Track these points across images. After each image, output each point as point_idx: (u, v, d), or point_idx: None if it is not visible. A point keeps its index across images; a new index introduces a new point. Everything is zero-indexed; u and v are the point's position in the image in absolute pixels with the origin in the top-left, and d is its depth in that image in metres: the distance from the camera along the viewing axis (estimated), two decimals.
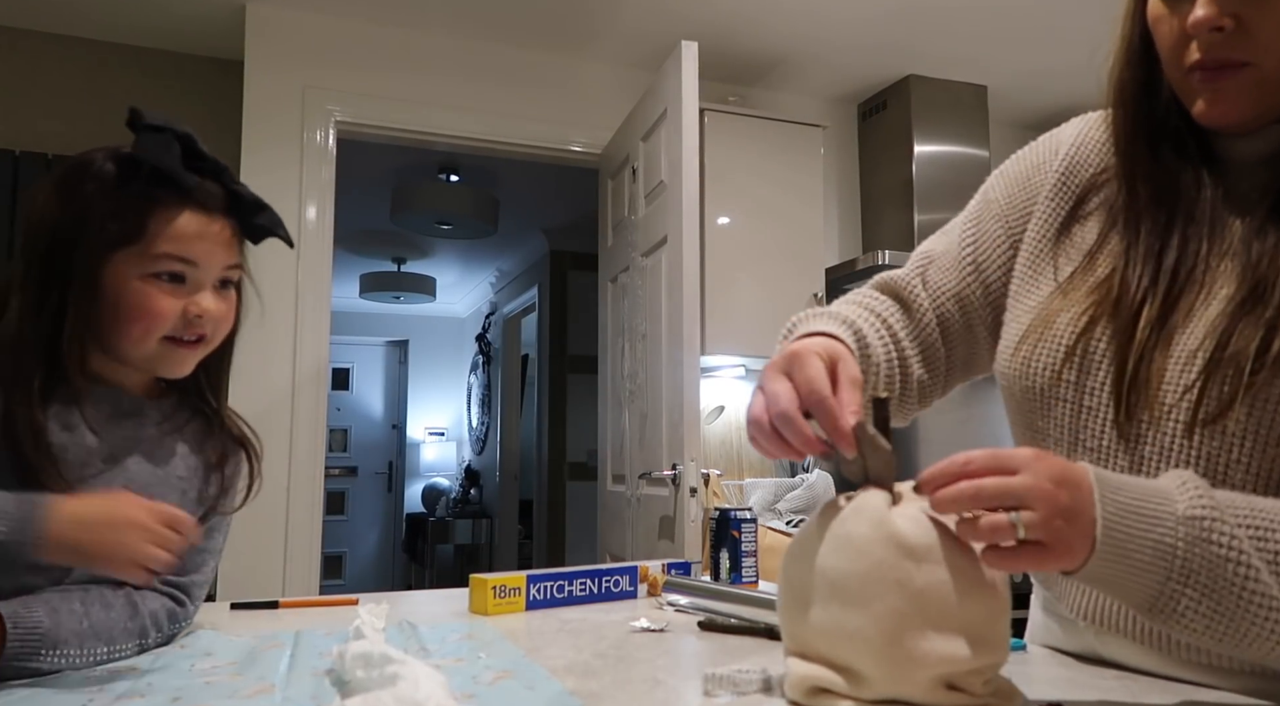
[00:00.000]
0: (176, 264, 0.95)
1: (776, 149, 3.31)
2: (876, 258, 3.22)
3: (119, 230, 0.93)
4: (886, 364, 0.90)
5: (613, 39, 3.28)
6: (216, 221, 0.98)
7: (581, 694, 0.75)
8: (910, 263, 1.00)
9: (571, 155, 3.45)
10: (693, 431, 2.55)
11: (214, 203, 0.98)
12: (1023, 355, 0.84)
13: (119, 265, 0.93)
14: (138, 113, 0.94)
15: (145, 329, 0.95)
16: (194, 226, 0.96)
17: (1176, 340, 0.75)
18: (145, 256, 0.94)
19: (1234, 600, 0.64)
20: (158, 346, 0.97)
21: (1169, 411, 0.74)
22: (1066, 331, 0.81)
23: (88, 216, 0.92)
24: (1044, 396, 0.83)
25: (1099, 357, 0.79)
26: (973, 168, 3.53)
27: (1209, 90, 0.75)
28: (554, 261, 5.89)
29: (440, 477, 7.78)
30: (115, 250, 0.93)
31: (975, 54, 3.38)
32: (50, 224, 0.94)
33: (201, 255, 0.97)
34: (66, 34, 3.14)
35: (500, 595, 1.17)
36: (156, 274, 0.94)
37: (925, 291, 0.97)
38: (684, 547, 2.50)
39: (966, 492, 0.63)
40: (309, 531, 2.93)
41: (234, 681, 0.79)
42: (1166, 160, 0.81)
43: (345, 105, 3.11)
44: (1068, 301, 0.83)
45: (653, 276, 2.85)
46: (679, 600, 1.19)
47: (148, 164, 0.93)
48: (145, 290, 0.94)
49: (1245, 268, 0.74)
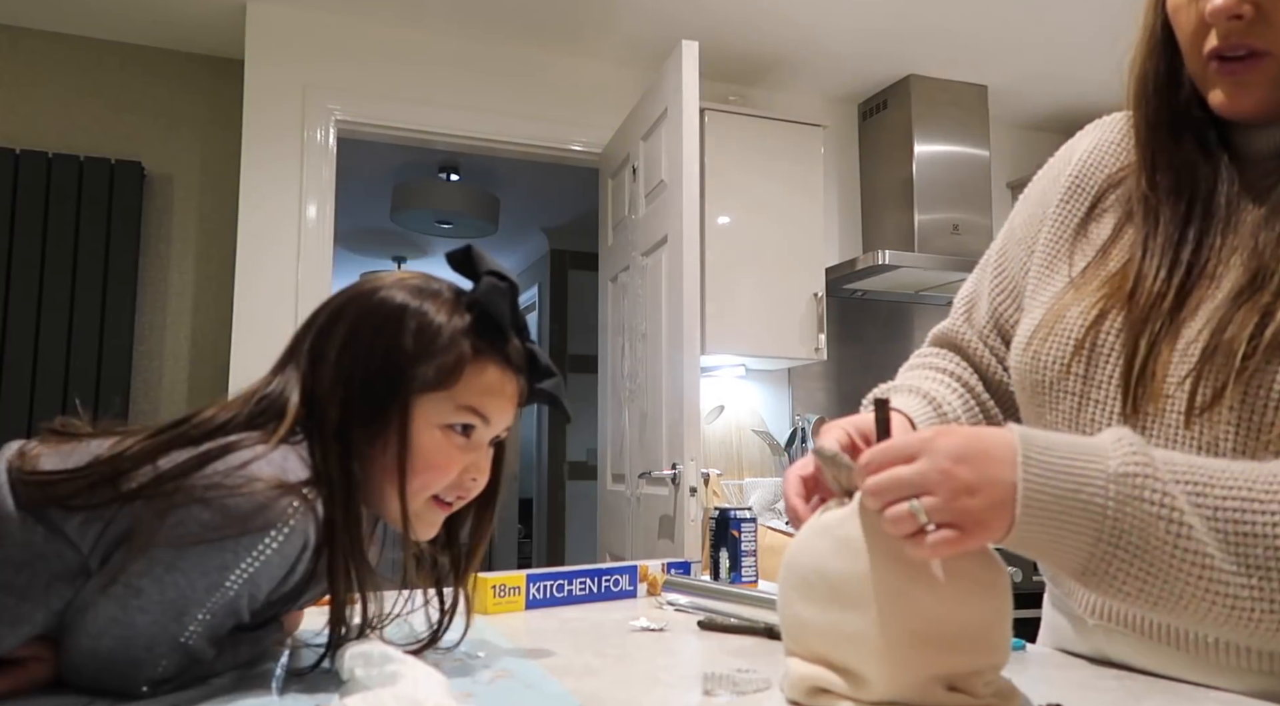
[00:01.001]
0: (474, 418, 0.87)
1: (777, 148, 3.31)
2: (876, 257, 3.22)
3: (433, 374, 0.85)
4: (968, 415, 0.95)
5: (613, 38, 3.27)
6: (514, 380, 0.91)
7: (581, 693, 0.75)
8: (954, 310, 1.04)
9: (572, 154, 3.45)
10: (693, 431, 2.55)
11: (517, 360, 0.91)
12: (1033, 350, 0.84)
13: (420, 409, 0.85)
14: (476, 255, 0.88)
15: (426, 483, 0.87)
16: (498, 382, 0.89)
17: (1184, 333, 0.74)
18: (450, 405, 0.86)
19: (1166, 560, 0.62)
20: (423, 504, 0.88)
21: (1168, 401, 0.74)
22: (1076, 324, 0.80)
23: (406, 354, 0.84)
24: (1051, 390, 0.82)
25: (1108, 350, 0.78)
26: (973, 167, 3.53)
27: (1228, 80, 0.74)
28: (554, 260, 5.89)
29: None
30: (421, 394, 0.85)
31: (975, 54, 3.38)
32: (365, 364, 0.85)
33: (495, 413, 0.89)
34: (67, 32, 3.14)
35: (500, 594, 1.17)
36: (453, 426, 0.87)
37: (974, 333, 1.00)
38: (684, 547, 2.50)
39: (869, 490, 0.65)
40: None
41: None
42: (1187, 151, 0.80)
43: (346, 104, 3.11)
44: (1079, 295, 0.82)
45: (653, 276, 2.85)
46: (679, 599, 1.19)
47: (481, 311, 0.87)
48: (442, 441, 0.86)
49: (1250, 256, 0.73)
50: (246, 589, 0.75)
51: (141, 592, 0.73)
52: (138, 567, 0.72)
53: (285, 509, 0.74)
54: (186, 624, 0.74)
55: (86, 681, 0.75)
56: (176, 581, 0.73)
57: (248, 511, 0.73)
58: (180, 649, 0.75)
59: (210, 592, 0.74)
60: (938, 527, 0.62)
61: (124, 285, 3.02)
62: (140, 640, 0.73)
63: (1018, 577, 2.79)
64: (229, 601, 0.75)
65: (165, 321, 3.15)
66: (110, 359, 2.94)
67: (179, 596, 0.73)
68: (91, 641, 0.74)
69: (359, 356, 0.85)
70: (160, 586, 0.73)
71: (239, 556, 0.73)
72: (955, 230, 3.46)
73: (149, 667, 0.74)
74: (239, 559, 0.73)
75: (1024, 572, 2.83)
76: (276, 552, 0.74)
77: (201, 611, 0.74)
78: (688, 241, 2.59)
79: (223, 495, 0.73)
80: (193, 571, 0.73)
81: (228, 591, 0.74)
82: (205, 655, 0.77)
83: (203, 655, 0.77)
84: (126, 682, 0.74)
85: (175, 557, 0.72)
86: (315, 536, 0.78)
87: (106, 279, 2.99)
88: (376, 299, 0.87)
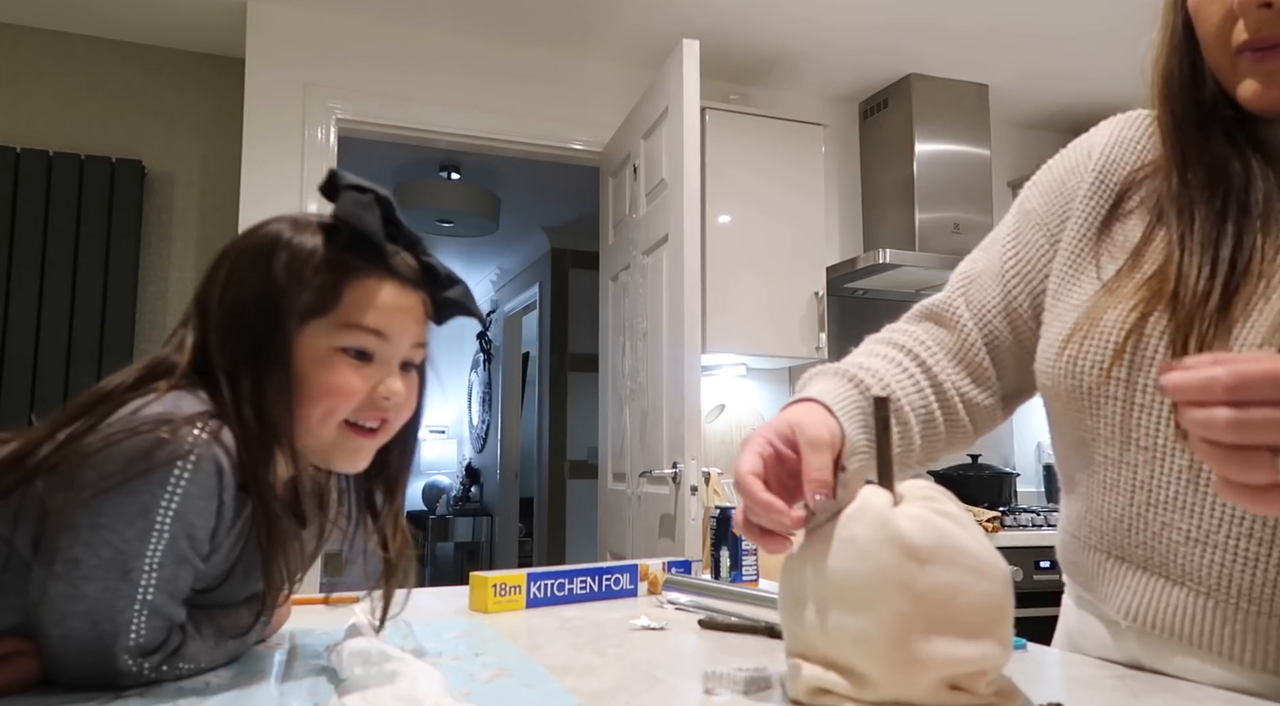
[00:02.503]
0: (369, 338, 0.85)
1: (778, 147, 3.31)
2: (877, 256, 3.22)
3: (311, 299, 0.83)
4: (918, 401, 0.91)
5: (614, 37, 3.27)
6: (410, 294, 0.89)
7: (581, 692, 0.75)
8: (950, 285, 0.98)
9: (573, 153, 3.45)
10: (693, 429, 2.55)
11: (409, 274, 0.89)
12: (1069, 354, 0.82)
13: (305, 338, 0.84)
14: (337, 174, 0.86)
15: (329, 409, 0.85)
16: (388, 297, 0.86)
17: (1236, 333, 0.71)
18: (336, 328, 0.84)
19: None
20: (336, 432, 0.87)
21: None
22: (1115, 328, 0.78)
23: (280, 286, 0.83)
24: (1092, 395, 0.80)
25: (1151, 353, 0.76)
26: (974, 166, 3.53)
27: (1260, 72, 0.72)
28: (555, 259, 5.89)
29: (441, 475, 7.78)
30: (304, 322, 0.83)
31: (976, 53, 3.38)
32: (242, 301, 0.84)
33: (395, 330, 0.87)
34: (67, 31, 3.14)
35: (501, 593, 1.17)
36: (345, 348, 0.85)
37: (968, 311, 0.95)
38: (684, 546, 2.50)
39: (1219, 422, 0.53)
40: None
41: (232, 679, 0.79)
42: (1217, 147, 0.78)
43: (346, 102, 3.11)
44: (1115, 298, 0.80)
45: (654, 274, 2.85)
46: (679, 598, 1.19)
47: (349, 227, 0.85)
48: (332, 365, 0.84)
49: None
50: (181, 529, 0.75)
51: (79, 562, 0.73)
52: (65, 540, 0.73)
53: (185, 438, 0.75)
54: (137, 579, 0.74)
55: (74, 673, 0.75)
56: (106, 539, 0.73)
57: (146, 449, 0.74)
58: (147, 609, 0.75)
59: (143, 540, 0.74)
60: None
61: (125, 284, 3.02)
62: (101, 610, 0.73)
63: (1019, 576, 2.79)
64: (171, 546, 0.75)
65: (166, 320, 3.15)
66: (111, 357, 2.94)
67: (115, 554, 0.73)
68: (58, 628, 0.74)
69: (238, 296, 0.85)
70: (93, 549, 0.73)
71: (155, 496, 0.74)
72: (956, 229, 3.46)
73: (123, 636, 0.74)
74: (156, 499, 0.74)
75: (1024, 572, 2.83)
76: (192, 482, 0.75)
77: (145, 562, 0.74)
78: (689, 240, 2.59)
79: (119, 441, 0.74)
80: (117, 524, 0.73)
81: (161, 534, 0.74)
82: (176, 615, 0.78)
83: (174, 614, 0.77)
84: (109, 660, 0.74)
85: (95, 516, 0.73)
86: (230, 466, 0.78)
87: (107, 278, 2.99)
88: (253, 238, 0.87)
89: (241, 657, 0.87)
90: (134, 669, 0.75)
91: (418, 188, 4.63)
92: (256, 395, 0.82)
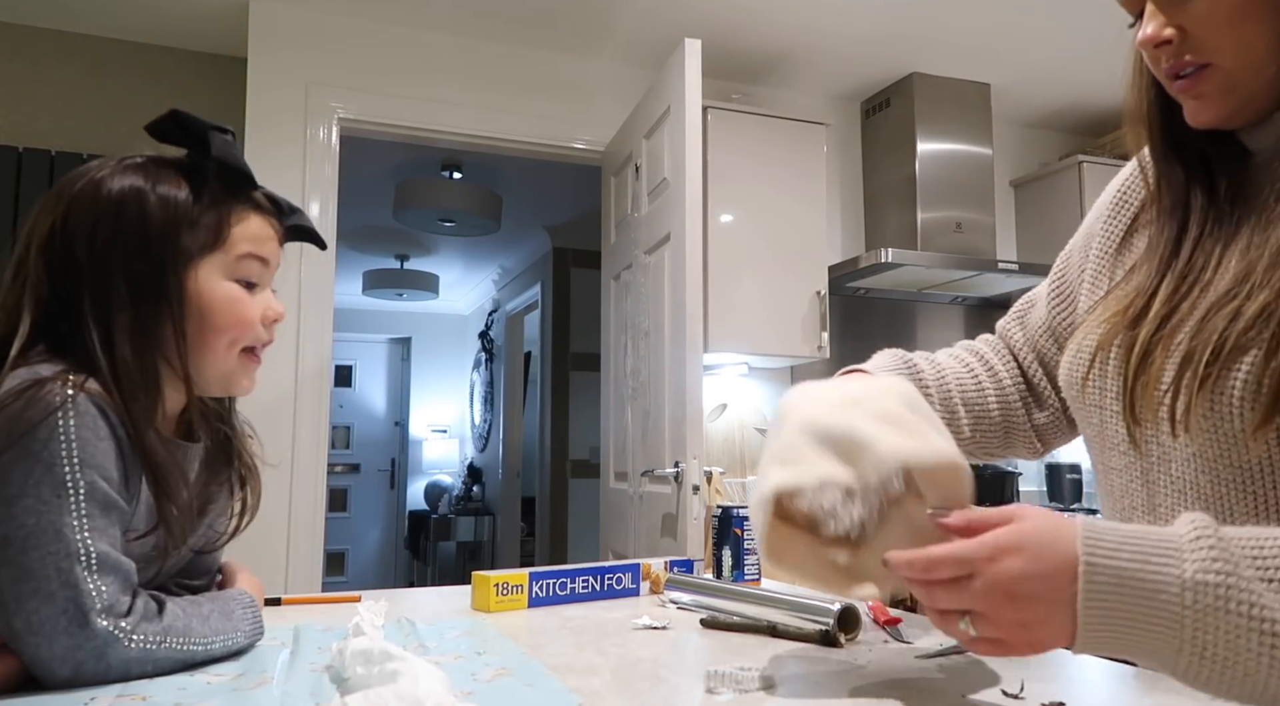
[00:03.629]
0: (255, 265, 0.92)
1: (779, 147, 3.30)
2: (879, 255, 3.21)
3: (202, 237, 0.88)
4: (974, 396, 1.00)
5: (616, 36, 3.27)
6: (272, 222, 0.95)
7: (582, 691, 0.75)
8: (1012, 310, 1.09)
9: (574, 152, 3.45)
10: (695, 429, 2.55)
11: (265, 204, 0.95)
12: (1066, 364, 0.88)
13: (201, 274, 0.88)
14: (180, 114, 0.90)
15: (234, 339, 0.91)
16: (261, 226, 0.93)
17: (1176, 336, 0.75)
18: (230, 261, 0.90)
19: (1263, 669, 0.58)
20: (236, 360, 0.92)
21: (1159, 410, 0.74)
22: (1092, 340, 0.84)
23: (166, 229, 0.87)
24: (1082, 403, 0.86)
25: (1114, 362, 0.81)
26: (976, 165, 3.52)
27: (1187, 96, 0.77)
28: (557, 258, 5.88)
29: (443, 475, 7.79)
30: (197, 259, 0.88)
31: (978, 52, 3.37)
32: (119, 249, 0.86)
33: (271, 255, 0.94)
34: (69, 30, 3.14)
35: (502, 592, 1.17)
36: (238, 279, 0.91)
37: (1022, 332, 1.04)
38: (686, 545, 2.50)
39: (922, 595, 0.67)
40: (311, 528, 2.93)
41: (235, 679, 0.79)
42: (1186, 170, 0.82)
43: (348, 102, 3.11)
44: (1100, 313, 0.85)
45: (655, 274, 2.85)
46: (681, 598, 1.19)
47: (222, 166, 0.90)
48: (232, 295, 0.90)
49: (1239, 259, 0.74)
50: (94, 473, 0.77)
51: (9, 540, 0.74)
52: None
53: (53, 392, 0.77)
54: (72, 536, 0.75)
55: (59, 669, 0.74)
56: (26, 507, 0.74)
57: (21, 409, 0.76)
58: (96, 561, 0.76)
59: (60, 495, 0.75)
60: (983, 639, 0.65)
61: None
62: (52, 580, 0.74)
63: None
64: (91, 494, 0.77)
65: None
66: None
67: (37, 520, 0.74)
68: (20, 617, 0.74)
69: (112, 246, 0.86)
70: (16, 523, 0.74)
71: (53, 450, 0.76)
72: (958, 228, 3.45)
73: (85, 598, 0.74)
74: (55, 453, 0.76)
75: None
76: (79, 426, 0.77)
77: (73, 517, 0.76)
78: (690, 239, 2.59)
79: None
80: (28, 490, 0.75)
81: (76, 484, 0.76)
82: (127, 564, 0.79)
83: (124, 564, 0.78)
84: (84, 629, 0.74)
85: (4, 491, 0.75)
86: (112, 408, 0.80)
87: None
88: (104, 192, 0.89)
89: (244, 655, 0.88)
90: (113, 630, 0.75)
91: (419, 187, 4.63)
92: (137, 338, 0.85)
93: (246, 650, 0.89)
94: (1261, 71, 0.73)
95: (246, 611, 0.90)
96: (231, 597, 0.90)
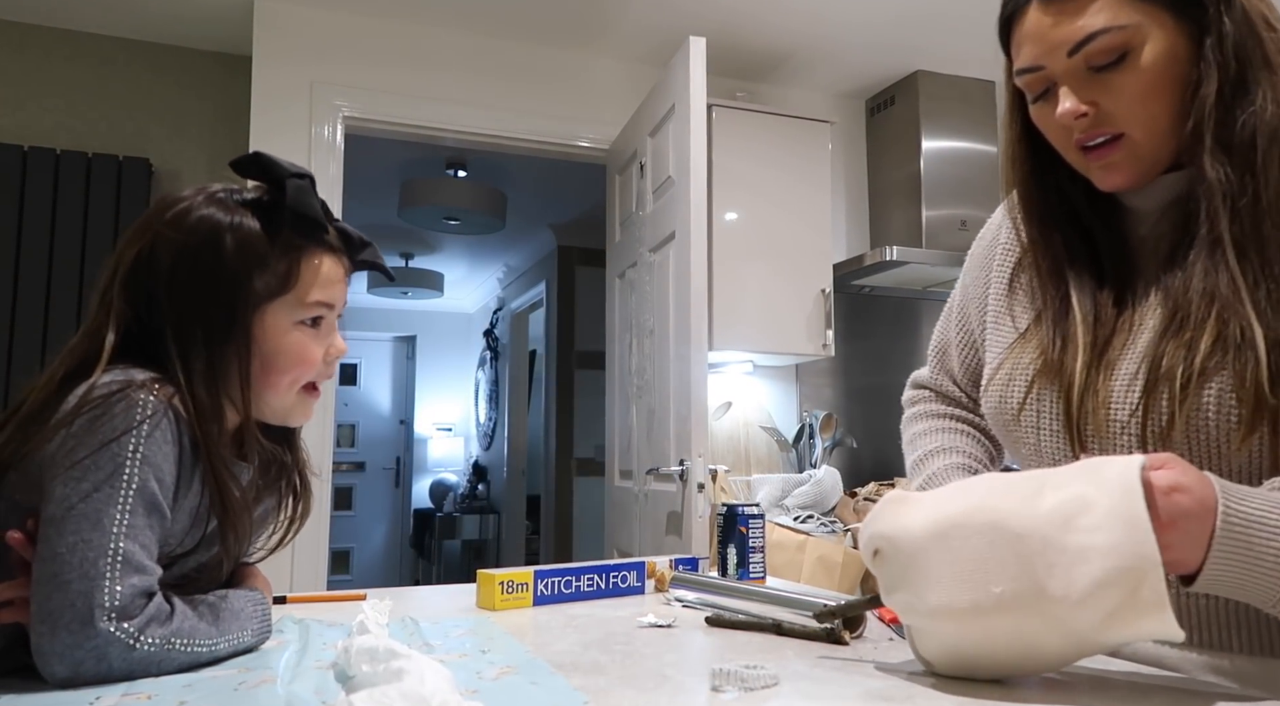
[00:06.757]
0: (323, 309, 0.97)
1: (784, 145, 3.30)
2: (884, 253, 3.21)
3: (272, 282, 0.92)
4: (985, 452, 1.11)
5: (621, 34, 3.27)
6: (341, 262, 1.00)
7: (588, 690, 0.75)
8: (929, 360, 1.18)
9: (579, 151, 3.45)
10: (700, 427, 2.55)
11: (336, 243, 0.99)
12: (996, 393, 0.96)
13: (270, 316, 0.93)
14: (262, 157, 0.94)
15: (295, 378, 0.96)
16: (330, 269, 0.97)
17: (1118, 368, 0.85)
18: (295, 305, 0.94)
19: None
20: (295, 395, 0.98)
21: (1121, 430, 0.83)
22: (1027, 371, 0.92)
23: (238, 272, 0.91)
24: (1017, 426, 0.94)
25: (1052, 397, 0.90)
26: (981, 163, 3.51)
27: (1097, 165, 0.86)
28: (561, 257, 5.88)
29: (448, 473, 7.80)
30: (265, 303, 0.93)
31: (983, 49, 3.36)
32: (197, 288, 0.90)
33: (337, 296, 0.98)
34: (74, 29, 3.15)
35: (507, 590, 1.17)
36: (303, 321, 0.95)
37: (948, 380, 1.15)
38: (691, 543, 2.50)
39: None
40: (316, 527, 2.94)
41: (239, 676, 0.79)
42: (1066, 234, 0.93)
43: (353, 100, 3.11)
44: (1024, 348, 0.94)
45: (660, 272, 2.85)
46: (686, 596, 1.19)
47: (295, 212, 0.93)
48: (300, 338, 0.95)
49: (1165, 299, 0.84)
50: (150, 473, 0.80)
51: (54, 520, 0.77)
52: (46, 510, 0.77)
53: (145, 396, 0.81)
54: (109, 527, 0.77)
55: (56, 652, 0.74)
56: (79, 490, 0.77)
57: (110, 408, 0.80)
58: (120, 559, 0.77)
59: (114, 485, 0.78)
60: None
61: None
62: (73, 568, 0.75)
63: None
64: (141, 492, 0.79)
65: None
66: None
67: (87, 504, 0.77)
68: (37, 598, 0.75)
69: (189, 291, 0.90)
70: (68, 504, 0.77)
71: (123, 445, 0.79)
72: (963, 226, 3.44)
73: (98, 592, 0.75)
74: (124, 447, 0.79)
75: None
76: (154, 427, 0.81)
77: (117, 509, 0.78)
78: (695, 237, 2.59)
79: (84, 412, 0.80)
80: (88, 476, 0.78)
81: (131, 480, 0.79)
82: (150, 570, 0.80)
83: (146, 570, 0.79)
84: (85, 626, 0.74)
85: (70, 475, 0.78)
86: (184, 424, 0.85)
87: None
88: (186, 223, 0.91)
89: (249, 654, 0.88)
90: (116, 632, 0.75)
91: (424, 185, 4.63)
92: (209, 373, 0.89)
93: (252, 649, 0.89)
94: (1165, 141, 0.84)
95: (258, 609, 0.91)
96: (246, 597, 0.91)
